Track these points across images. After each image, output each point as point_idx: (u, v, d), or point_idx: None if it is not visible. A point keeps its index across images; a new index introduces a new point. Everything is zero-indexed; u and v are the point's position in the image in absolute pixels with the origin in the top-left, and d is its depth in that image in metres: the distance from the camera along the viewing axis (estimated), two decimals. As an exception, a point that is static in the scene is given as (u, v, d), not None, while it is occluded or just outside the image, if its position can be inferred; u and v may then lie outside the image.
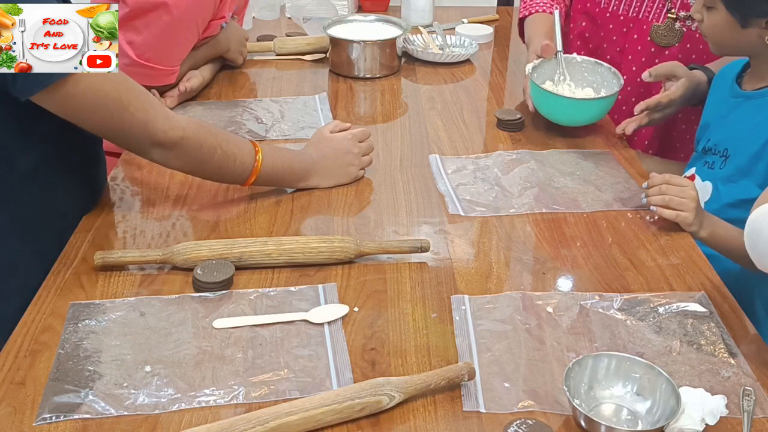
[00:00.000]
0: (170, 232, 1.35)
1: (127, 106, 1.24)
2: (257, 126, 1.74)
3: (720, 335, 1.12)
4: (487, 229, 1.38)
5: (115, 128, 1.27)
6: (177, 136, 1.30)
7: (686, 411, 0.95)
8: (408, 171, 1.57)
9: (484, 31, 2.33)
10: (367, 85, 2.00)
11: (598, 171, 1.57)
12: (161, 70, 1.73)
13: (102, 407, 0.98)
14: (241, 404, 0.99)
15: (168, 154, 1.31)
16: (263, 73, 2.04)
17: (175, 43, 1.74)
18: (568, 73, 1.75)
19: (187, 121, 1.34)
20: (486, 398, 1.01)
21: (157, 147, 1.30)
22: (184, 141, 1.30)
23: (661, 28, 1.85)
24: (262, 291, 1.20)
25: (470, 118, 1.81)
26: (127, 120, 1.25)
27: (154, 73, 1.73)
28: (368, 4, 2.53)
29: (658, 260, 1.30)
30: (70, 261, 1.26)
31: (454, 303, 1.18)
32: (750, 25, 1.43)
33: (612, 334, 1.13)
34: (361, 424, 0.97)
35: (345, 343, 1.10)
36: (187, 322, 1.13)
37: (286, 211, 1.42)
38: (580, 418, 0.96)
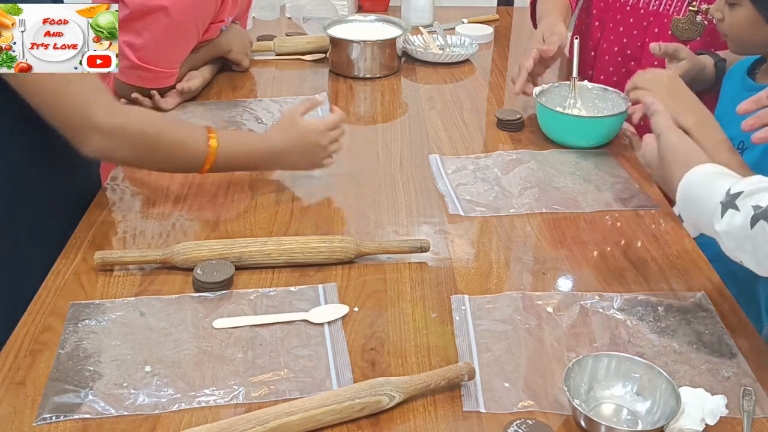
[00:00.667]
0: (170, 232, 1.35)
1: (70, 82, 1.22)
2: (257, 126, 1.74)
3: (720, 335, 1.12)
4: (487, 229, 1.38)
5: (55, 105, 1.24)
6: (118, 122, 1.26)
7: (686, 411, 0.95)
8: (408, 171, 1.57)
9: (484, 31, 2.33)
10: (367, 85, 2.00)
11: (598, 171, 1.57)
12: (161, 72, 1.73)
13: (102, 407, 0.98)
14: (241, 404, 0.99)
15: (109, 143, 1.27)
16: (263, 73, 2.04)
17: (175, 46, 1.74)
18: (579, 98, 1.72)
19: (132, 109, 1.32)
20: (486, 398, 1.01)
21: (96, 133, 1.25)
22: (126, 127, 1.27)
23: (681, 21, 1.81)
24: (262, 291, 1.20)
25: (470, 118, 1.81)
26: (68, 98, 1.23)
27: (154, 75, 1.73)
28: (368, 4, 2.53)
29: (658, 260, 1.30)
30: (70, 261, 1.26)
31: (454, 303, 1.18)
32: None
33: (612, 334, 1.13)
34: (361, 424, 0.97)
35: (345, 343, 1.10)
36: (187, 322, 1.13)
37: (286, 211, 1.42)
38: (580, 418, 0.96)
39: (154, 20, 1.66)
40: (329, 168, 1.58)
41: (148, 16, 1.66)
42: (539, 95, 1.70)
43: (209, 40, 1.87)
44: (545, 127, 1.69)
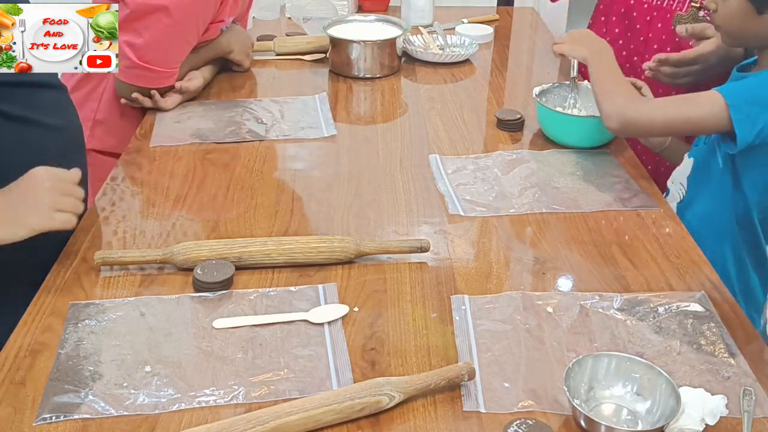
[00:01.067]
0: (170, 232, 1.35)
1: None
2: (257, 126, 1.74)
3: (720, 335, 1.12)
4: (487, 229, 1.38)
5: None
6: None
7: (686, 411, 0.95)
8: (408, 171, 1.57)
9: (484, 31, 2.33)
10: (367, 85, 2.00)
11: (598, 171, 1.57)
12: (161, 72, 1.73)
13: (102, 407, 0.98)
14: (241, 404, 0.99)
15: None
16: (263, 73, 2.04)
17: (175, 46, 1.74)
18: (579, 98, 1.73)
19: None
20: (486, 398, 1.01)
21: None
22: None
23: (684, 17, 1.80)
24: (262, 291, 1.20)
25: (470, 118, 1.81)
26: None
27: (154, 75, 1.73)
28: (368, 4, 2.53)
29: (658, 260, 1.30)
30: (70, 261, 1.26)
31: (454, 303, 1.18)
32: (766, 11, 1.42)
33: (612, 334, 1.13)
34: (361, 424, 0.97)
35: (345, 343, 1.10)
36: (187, 322, 1.13)
37: (286, 211, 1.42)
38: (580, 418, 0.96)
39: (155, 20, 1.66)
40: (329, 168, 1.59)
41: (148, 16, 1.66)
42: (539, 95, 1.70)
43: (209, 40, 1.87)
44: (545, 127, 1.69)
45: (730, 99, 1.36)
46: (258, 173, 1.55)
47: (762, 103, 1.37)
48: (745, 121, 1.35)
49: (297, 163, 1.62)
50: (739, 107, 1.35)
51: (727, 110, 1.35)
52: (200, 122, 1.75)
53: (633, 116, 1.43)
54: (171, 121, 1.76)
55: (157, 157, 1.60)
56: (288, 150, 1.66)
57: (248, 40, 2.01)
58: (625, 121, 1.44)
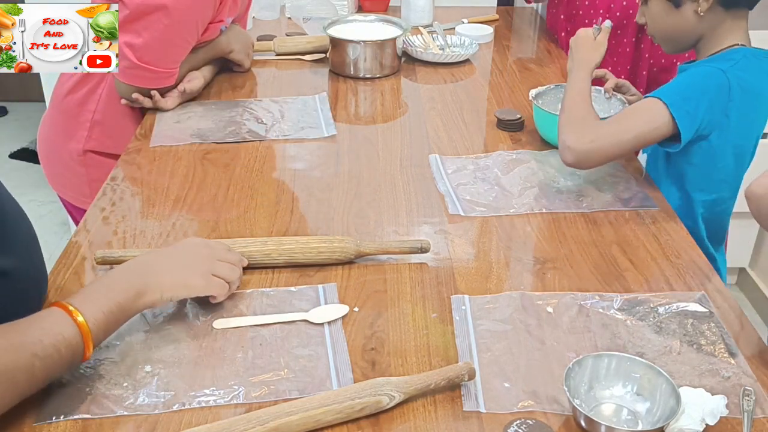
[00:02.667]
0: (170, 232, 1.35)
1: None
2: (257, 126, 1.74)
3: (720, 335, 1.12)
4: (487, 229, 1.38)
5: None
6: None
7: (686, 411, 0.95)
8: (408, 171, 1.57)
9: (484, 31, 2.33)
10: (367, 85, 2.00)
11: (598, 171, 1.57)
12: (161, 72, 1.73)
13: (102, 407, 0.98)
14: (241, 404, 0.99)
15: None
16: (263, 73, 2.04)
17: (175, 46, 1.74)
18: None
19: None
20: (486, 398, 1.01)
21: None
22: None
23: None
24: (262, 291, 1.20)
25: (470, 118, 1.81)
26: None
27: (154, 75, 1.73)
28: (368, 4, 2.53)
29: (658, 260, 1.30)
30: (70, 261, 1.26)
31: (454, 303, 1.18)
32: (682, 3, 1.45)
33: (612, 334, 1.13)
34: (361, 424, 0.97)
35: (345, 343, 1.10)
36: (187, 322, 1.13)
37: (286, 211, 1.42)
38: (580, 418, 0.96)
39: (154, 20, 1.66)
40: (329, 168, 1.58)
41: (148, 16, 1.66)
42: (536, 97, 1.70)
43: (209, 40, 1.87)
44: (542, 129, 1.69)
45: (666, 99, 1.40)
46: (258, 173, 1.55)
47: (694, 97, 1.41)
48: (685, 117, 1.39)
49: (297, 163, 1.62)
50: (677, 104, 1.39)
51: (668, 110, 1.39)
52: (200, 122, 1.75)
53: (585, 150, 1.41)
54: (171, 121, 1.76)
55: (157, 157, 1.60)
56: (288, 150, 1.66)
57: (248, 40, 2.01)
58: (577, 158, 1.42)
